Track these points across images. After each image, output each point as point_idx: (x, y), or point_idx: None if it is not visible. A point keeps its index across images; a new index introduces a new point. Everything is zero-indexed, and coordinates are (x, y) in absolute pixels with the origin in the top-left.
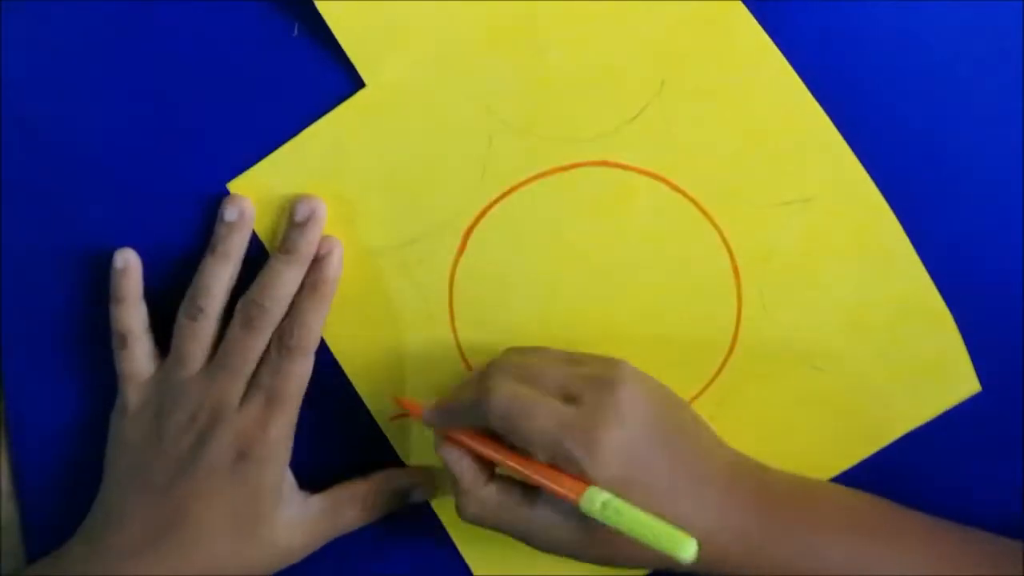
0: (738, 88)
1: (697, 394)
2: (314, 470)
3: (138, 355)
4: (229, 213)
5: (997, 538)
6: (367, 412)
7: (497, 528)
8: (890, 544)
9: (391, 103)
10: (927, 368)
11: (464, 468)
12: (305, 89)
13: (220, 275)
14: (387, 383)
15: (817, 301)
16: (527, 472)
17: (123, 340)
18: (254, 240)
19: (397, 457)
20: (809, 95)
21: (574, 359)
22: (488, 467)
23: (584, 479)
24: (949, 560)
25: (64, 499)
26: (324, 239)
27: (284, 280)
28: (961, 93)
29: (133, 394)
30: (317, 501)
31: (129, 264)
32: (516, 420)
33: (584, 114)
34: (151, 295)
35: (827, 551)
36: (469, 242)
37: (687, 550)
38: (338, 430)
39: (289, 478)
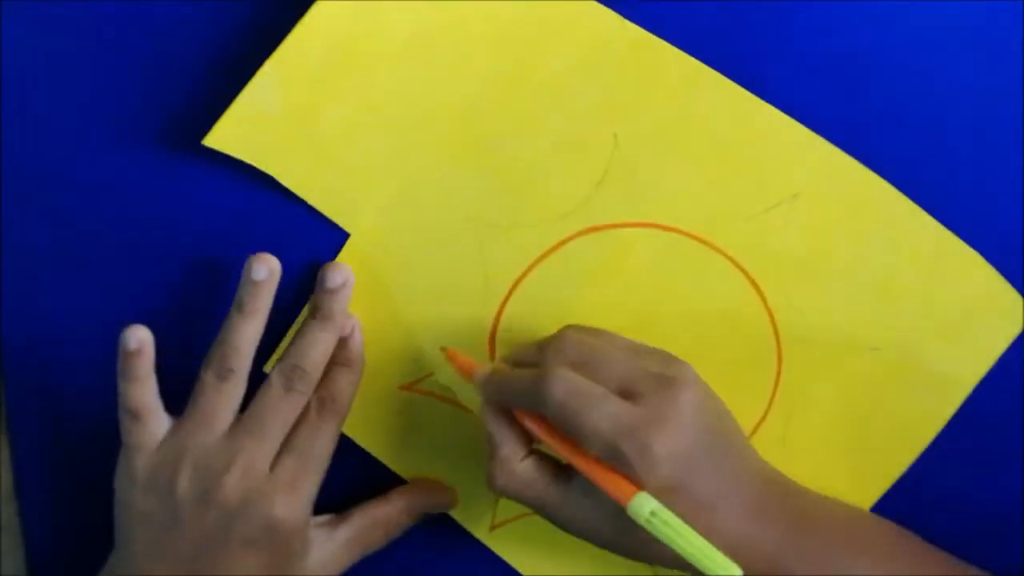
0: (685, 115)
1: (762, 416)
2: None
3: (152, 427)
4: (257, 272)
5: None
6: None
7: (522, 502)
8: None
9: (380, 245)
10: (975, 309)
11: (505, 437)
12: None
13: (248, 334)
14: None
15: (845, 285)
16: (576, 463)
17: (137, 416)
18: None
19: None
20: (753, 97)
21: (637, 350)
22: (527, 439)
23: (634, 481)
24: None
25: (64, 500)
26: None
27: (321, 344)
28: (961, 93)
29: (144, 461)
30: (342, 533)
31: (144, 345)
32: (573, 415)
33: (555, 192)
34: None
35: None
36: (495, 347)
37: None
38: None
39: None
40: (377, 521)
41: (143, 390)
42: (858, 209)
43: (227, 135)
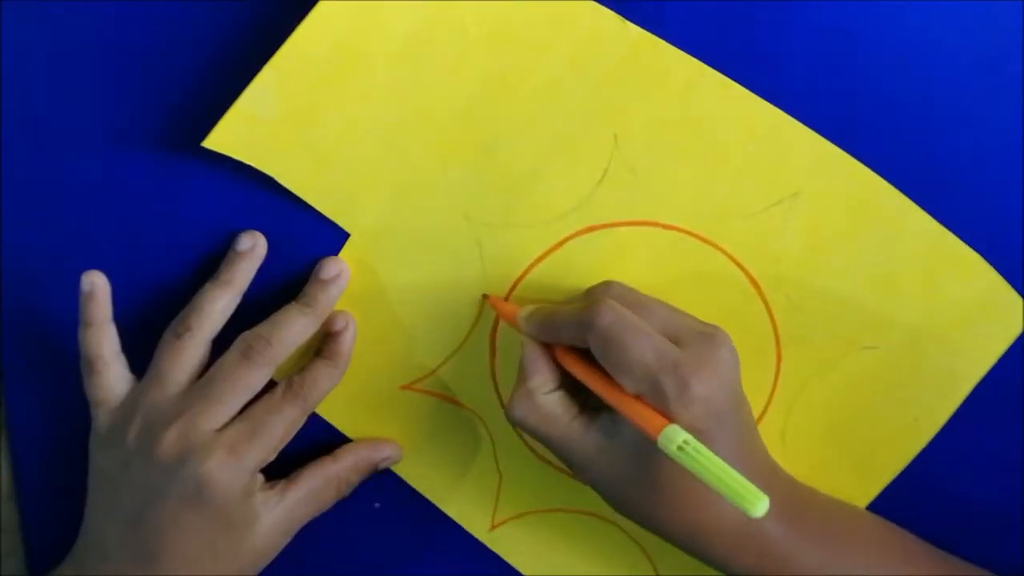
0: (685, 115)
1: (763, 411)
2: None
3: (108, 381)
4: (241, 243)
5: None
6: None
7: (540, 437)
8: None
9: (380, 245)
10: (975, 310)
11: (537, 368)
12: None
13: (217, 299)
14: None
15: (844, 284)
16: (609, 396)
17: (91, 366)
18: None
19: None
20: (753, 96)
21: (677, 310)
22: (557, 378)
23: (666, 416)
24: None
25: (63, 501)
26: (340, 314)
27: (296, 327)
28: (961, 93)
29: (105, 419)
30: (293, 494)
31: (96, 287)
32: (618, 344)
33: (554, 192)
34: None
35: (840, 571)
36: (496, 345)
37: (759, 507)
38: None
39: (259, 480)
40: (328, 479)
41: (98, 339)
42: (858, 208)
43: (226, 137)
